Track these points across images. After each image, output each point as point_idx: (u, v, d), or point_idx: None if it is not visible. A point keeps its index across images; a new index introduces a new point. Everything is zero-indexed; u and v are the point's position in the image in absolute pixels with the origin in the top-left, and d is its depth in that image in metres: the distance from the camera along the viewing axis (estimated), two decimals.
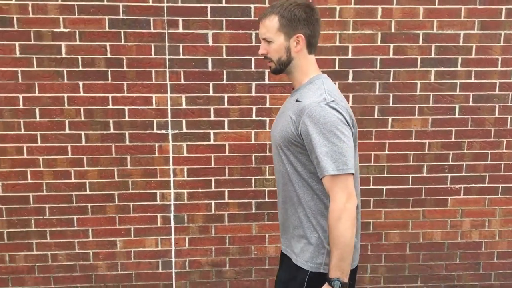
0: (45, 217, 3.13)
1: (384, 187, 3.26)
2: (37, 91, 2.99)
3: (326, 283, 1.66)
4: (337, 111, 1.63)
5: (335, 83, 1.94)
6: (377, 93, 3.14)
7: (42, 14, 2.90)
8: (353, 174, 1.63)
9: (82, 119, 3.04)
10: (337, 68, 3.08)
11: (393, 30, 3.08)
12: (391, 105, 3.16)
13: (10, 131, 3.01)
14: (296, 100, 1.73)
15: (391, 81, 3.14)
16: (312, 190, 1.73)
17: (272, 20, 1.72)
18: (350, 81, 3.11)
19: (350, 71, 3.10)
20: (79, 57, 2.97)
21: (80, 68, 2.99)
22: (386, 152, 3.21)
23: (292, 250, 1.83)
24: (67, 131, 3.05)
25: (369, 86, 3.13)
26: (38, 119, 3.02)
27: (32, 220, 3.13)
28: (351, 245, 1.62)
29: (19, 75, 2.96)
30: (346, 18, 3.04)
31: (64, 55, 2.96)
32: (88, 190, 3.13)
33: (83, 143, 3.07)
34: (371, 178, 3.24)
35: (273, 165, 1.90)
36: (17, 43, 2.92)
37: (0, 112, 2.99)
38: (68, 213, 3.14)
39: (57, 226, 3.16)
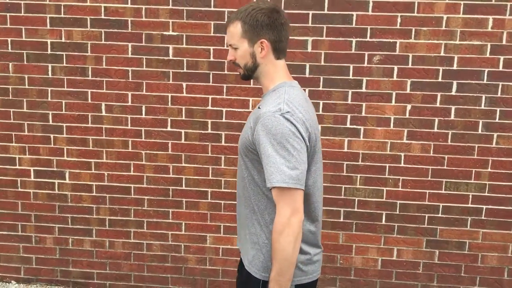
0: (143, 208, 3.33)
1: (484, 207, 3.08)
2: (144, 90, 3.19)
3: None
4: (291, 122, 1.57)
5: (436, 94, 1.85)
6: (482, 107, 2.99)
7: (154, 18, 3.09)
8: (301, 189, 1.57)
9: (183, 118, 3.20)
10: (440, 79, 2.96)
11: (504, 42, 2.91)
12: (497, 120, 2.99)
13: (118, 125, 3.24)
14: (258, 107, 1.71)
15: (498, 95, 2.97)
16: (267, 198, 1.68)
17: (235, 26, 1.70)
18: (453, 93, 2.98)
19: (454, 82, 2.97)
20: (185, 59, 3.13)
21: (185, 70, 3.14)
22: (489, 169, 3.04)
23: (246, 256, 1.79)
24: (168, 128, 3.22)
25: (474, 99, 2.98)
26: (143, 116, 3.22)
27: (132, 210, 3.34)
28: (292, 261, 1.57)
29: (130, 74, 3.17)
30: (453, 27, 2.91)
31: (171, 57, 3.13)
32: (184, 185, 3.28)
33: (182, 141, 3.23)
34: (470, 196, 3.08)
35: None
36: (129, 44, 3.14)
37: (110, 107, 3.22)
38: (164, 206, 3.32)
39: (154, 218, 3.34)
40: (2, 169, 3.32)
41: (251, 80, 3.08)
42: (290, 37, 2.95)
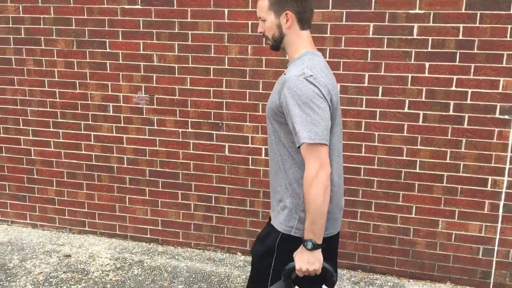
0: (372, 189, 3.33)
1: None
2: (383, 70, 3.14)
3: (302, 244, 1.74)
4: (314, 85, 1.69)
5: None
6: None
7: None
8: (326, 145, 1.68)
9: (423, 99, 3.11)
10: None
11: None
12: None
13: (352, 106, 3.24)
14: (284, 74, 1.82)
15: None
16: (292, 158, 1.81)
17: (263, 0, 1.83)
18: None
19: None
20: (430, 38, 3.02)
21: (429, 49, 3.04)
22: None
23: (272, 211, 1.94)
24: (406, 109, 3.16)
25: None
26: (380, 97, 3.18)
27: (360, 191, 3.35)
28: (322, 211, 1.67)
29: (369, 54, 3.14)
30: None
31: (415, 36, 3.04)
32: (417, 168, 3.21)
33: (420, 123, 3.15)
34: None
35: None
36: (371, 24, 3.09)
37: (345, 88, 3.22)
38: (395, 188, 3.28)
39: (383, 199, 3.32)
40: (235, 147, 3.49)
41: (503, 58, 2.94)
42: None
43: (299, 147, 1.71)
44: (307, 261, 1.73)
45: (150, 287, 3.21)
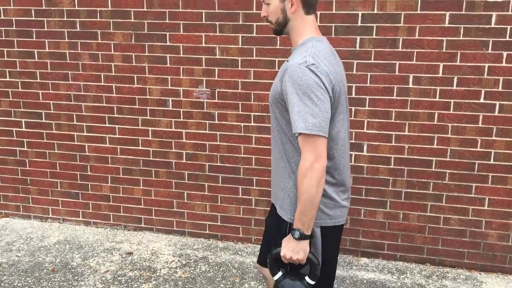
0: (444, 182, 3.28)
1: None
2: (458, 60, 3.08)
3: (290, 232, 1.75)
4: (315, 74, 1.65)
5: None
6: None
7: None
8: (324, 137, 1.65)
9: (500, 89, 3.06)
10: None
11: None
12: None
13: (425, 97, 3.18)
14: (287, 61, 1.78)
15: None
16: (294, 147, 1.79)
17: None
18: None
19: None
20: (508, 27, 2.97)
21: (507, 39, 2.98)
22: None
23: (277, 200, 1.92)
24: (481, 100, 3.10)
25: None
26: (454, 87, 3.12)
27: (431, 183, 3.30)
28: (314, 202, 1.67)
29: (444, 44, 3.08)
30: None
31: (493, 25, 2.98)
32: (492, 160, 3.17)
33: (496, 113, 3.10)
34: None
35: None
36: (447, 13, 3.03)
37: (419, 79, 3.16)
38: (467, 180, 3.24)
39: (454, 192, 3.28)
40: None
41: None
42: None
43: (297, 137, 1.71)
44: (292, 249, 1.74)
45: (222, 283, 3.15)
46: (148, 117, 3.64)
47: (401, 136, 3.27)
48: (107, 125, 3.72)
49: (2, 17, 3.68)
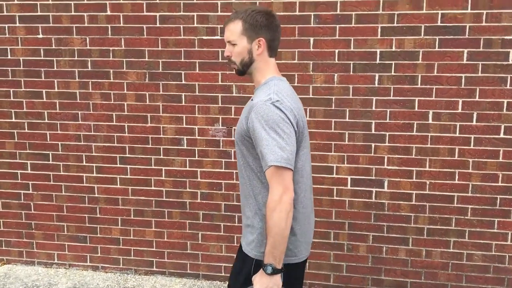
0: (466, 217, 3.25)
1: None
2: (477, 96, 3.11)
3: (261, 268, 1.75)
4: (280, 110, 1.73)
5: None
6: None
7: (495, 23, 3.00)
8: (291, 169, 1.71)
9: None
10: None
11: None
12: None
13: (445, 133, 3.18)
14: (251, 100, 1.87)
15: None
16: (261, 183, 1.83)
17: (236, 24, 1.86)
18: None
19: None
20: None
21: None
22: None
23: (243, 238, 1.94)
24: (501, 135, 3.12)
25: None
26: (474, 122, 3.14)
27: (453, 219, 3.27)
28: (284, 235, 1.69)
29: (463, 80, 3.11)
30: None
31: (510, 62, 3.03)
32: None
33: None
34: None
35: None
36: (465, 50, 3.07)
37: (438, 115, 3.17)
38: (489, 215, 3.22)
39: (477, 227, 3.25)
40: (319, 178, 3.38)
41: None
42: None
43: (265, 172, 1.73)
44: (266, 285, 1.74)
45: None
46: (161, 157, 3.55)
47: (422, 172, 3.25)
48: (118, 165, 3.62)
49: (9, 57, 3.59)
